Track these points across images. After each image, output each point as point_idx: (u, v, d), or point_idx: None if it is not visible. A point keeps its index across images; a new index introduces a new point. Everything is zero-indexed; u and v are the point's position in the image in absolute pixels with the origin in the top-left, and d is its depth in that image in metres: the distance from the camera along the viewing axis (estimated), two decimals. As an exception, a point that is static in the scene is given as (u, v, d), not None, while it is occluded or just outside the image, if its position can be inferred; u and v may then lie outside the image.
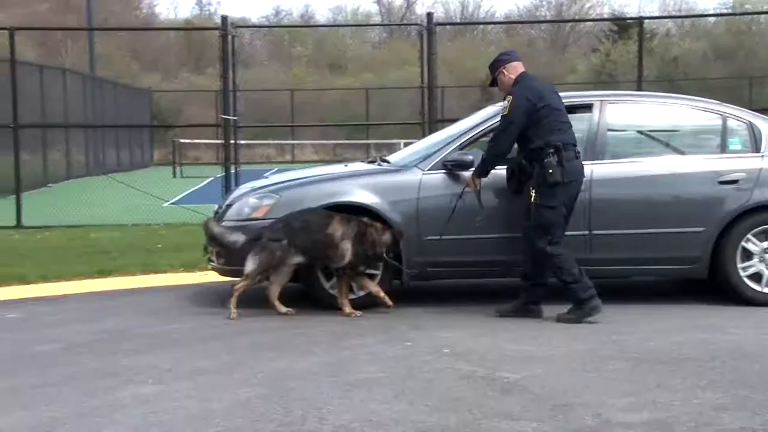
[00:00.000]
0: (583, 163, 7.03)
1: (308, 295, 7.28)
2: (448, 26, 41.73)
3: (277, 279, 6.97)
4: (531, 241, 6.70)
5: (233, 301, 6.93)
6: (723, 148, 7.32)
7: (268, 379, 5.25)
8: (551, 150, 6.59)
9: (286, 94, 36.72)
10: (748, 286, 7.02)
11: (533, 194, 6.65)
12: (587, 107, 7.41)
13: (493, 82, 7.03)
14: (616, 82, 32.87)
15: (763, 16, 35.83)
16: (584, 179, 6.89)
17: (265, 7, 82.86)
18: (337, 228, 6.88)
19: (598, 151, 7.20)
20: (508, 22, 46.83)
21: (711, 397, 4.76)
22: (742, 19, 33.89)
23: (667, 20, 37.64)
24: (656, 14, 43.94)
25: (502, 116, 6.77)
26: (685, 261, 7.11)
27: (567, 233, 7.00)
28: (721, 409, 4.58)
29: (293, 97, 36.16)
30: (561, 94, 7.03)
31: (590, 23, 41.13)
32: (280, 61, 44.93)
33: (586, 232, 7.07)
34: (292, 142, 35.61)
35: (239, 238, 6.93)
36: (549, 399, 4.79)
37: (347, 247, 6.87)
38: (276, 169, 11.71)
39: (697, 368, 5.32)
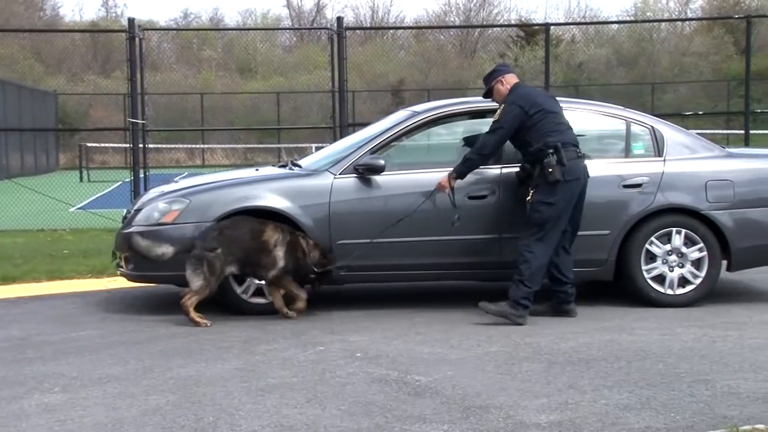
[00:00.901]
0: (491, 168, 7.14)
1: (219, 300, 7.18)
2: (358, 30, 41.83)
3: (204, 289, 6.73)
4: (524, 236, 6.76)
5: (194, 316, 6.68)
6: (627, 152, 7.48)
7: (179, 386, 5.15)
8: (550, 150, 6.74)
9: (195, 98, 36.26)
10: (652, 287, 7.19)
11: (531, 192, 6.77)
12: (495, 112, 7.47)
13: (488, 93, 7.11)
14: (524, 87, 33.36)
15: (663, 23, 36.88)
16: (495, 184, 7.01)
17: (174, 9, 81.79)
18: (271, 235, 6.80)
19: (505, 155, 7.27)
20: (418, 27, 47.15)
21: (617, 397, 4.86)
22: (644, 26, 34.79)
23: (572, 27, 38.42)
24: (562, 21, 44.84)
25: (493, 121, 6.90)
26: (592, 263, 7.24)
27: (478, 237, 7.10)
28: (626, 408, 4.67)
29: (203, 101, 35.73)
30: (469, 99, 7.11)
31: (498, 29, 41.70)
32: (189, 64, 44.35)
33: (497, 235, 7.14)
34: (202, 146, 35.18)
35: (167, 250, 6.75)
36: (461, 401, 4.82)
37: (280, 255, 6.81)
38: (186, 173, 11.56)
39: (604, 369, 5.43)
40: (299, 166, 7.75)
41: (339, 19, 13.25)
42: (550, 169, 6.70)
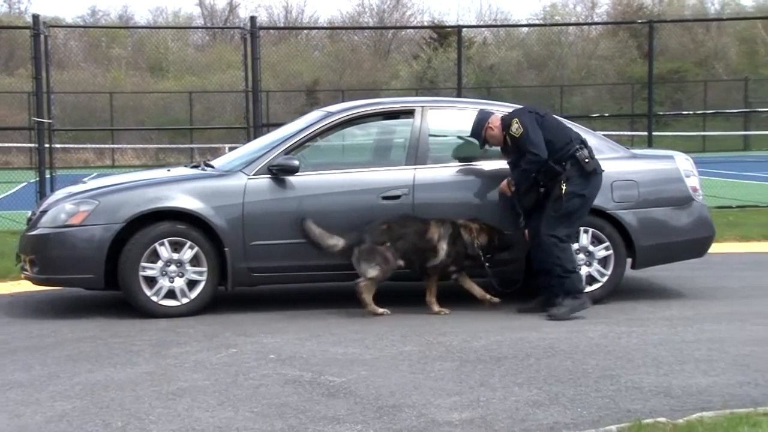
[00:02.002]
0: (405, 168, 7.20)
1: (127, 303, 7.06)
2: (272, 30, 41.57)
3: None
4: (549, 225, 6.80)
5: (374, 308, 6.89)
6: (537, 153, 7.59)
7: (86, 391, 5.05)
8: (577, 144, 6.89)
9: (104, 97, 35.51)
10: (561, 285, 7.33)
11: (563, 185, 6.82)
12: (409, 113, 7.55)
13: (484, 143, 7.15)
14: (438, 88, 33.67)
15: (571, 27, 37.64)
16: (409, 184, 7.07)
17: (81, 6, 79.94)
18: (434, 232, 6.97)
19: (420, 156, 7.33)
20: (332, 28, 47.11)
21: (527, 394, 4.94)
22: (552, 30, 35.43)
23: (484, 29, 38.85)
24: (474, 23, 45.32)
25: (520, 135, 6.87)
26: (500, 262, 7.32)
27: (391, 236, 7.12)
28: (535, 405, 4.75)
29: (112, 100, 35.02)
30: (383, 99, 7.15)
31: (412, 30, 41.97)
32: (98, 62, 43.42)
33: (409, 236, 7.18)
34: (112, 146, 34.48)
35: (338, 242, 6.90)
36: (375, 401, 4.84)
37: (444, 249, 6.99)
38: (95, 174, 11.31)
39: (514, 366, 5.51)
40: (212, 167, 7.67)
41: (252, 19, 13.15)
42: (587, 160, 6.85)
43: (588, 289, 7.28)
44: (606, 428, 4.29)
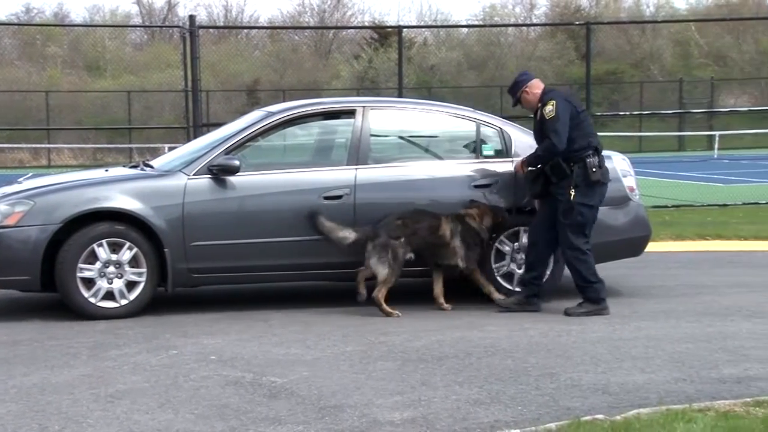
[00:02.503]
0: (347, 168, 7.20)
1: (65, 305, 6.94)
2: (211, 29, 41.22)
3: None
4: (567, 239, 6.90)
5: (386, 308, 6.91)
6: (477, 153, 7.66)
7: (22, 395, 4.95)
8: (591, 151, 6.91)
9: (40, 96, 34.85)
10: (502, 284, 7.37)
11: (572, 193, 6.86)
12: (350, 113, 7.55)
13: (516, 103, 7.20)
14: (379, 88, 33.72)
15: (510, 28, 38.03)
16: (351, 184, 7.07)
17: (15, 4, 78.44)
18: (446, 228, 7.03)
19: (361, 156, 7.34)
20: (273, 27, 46.92)
21: (468, 393, 4.97)
22: (492, 31, 35.77)
23: (424, 30, 39.05)
24: (414, 24, 45.47)
25: (549, 119, 6.89)
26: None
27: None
28: (476, 403, 4.78)
29: (48, 99, 34.40)
30: (324, 99, 7.14)
31: (353, 30, 41.97)
32: (33, 61, 42.61)
33: (351, 236, 7.17)
34: (48, 145, 33.86)
35: (350, 235, 6.94)
36: (317, 401, 4.82)
37: (458, 245, 7.05)
38: (30, 174, 11.11)
39: (456, 365, 5.54)
40: (151, 167, 7.58)
41: (191, 18, 13.02)
42: (594, 169, 6.88)
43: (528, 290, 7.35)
44: (546, 426, 4.33)
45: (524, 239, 7.36)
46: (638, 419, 4.34)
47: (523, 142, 7.61)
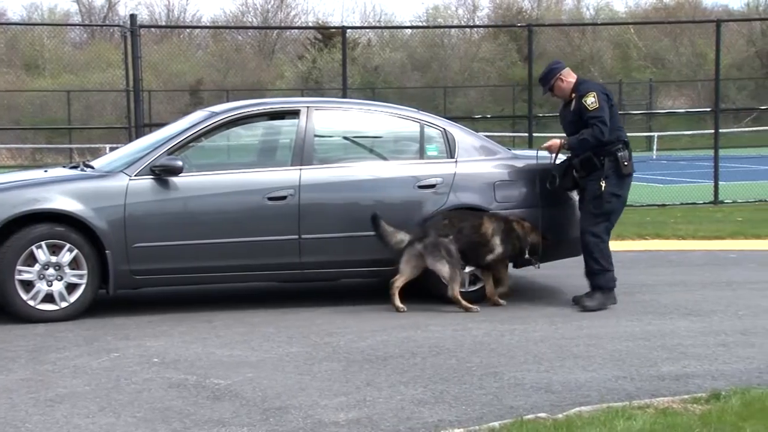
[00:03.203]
0: (291, 169, 7.18)
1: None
2: (153, 29, 40.75)
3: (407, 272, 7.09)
4: (590, 225, 7.11)
5: (465, 304, 7.04)
6: (421, 154, 7.69)
7: (-40, 401, 4.84)
8: (620, 145, 7.12)
9: (-24, 95, 34.14)
10: (446, 285, 7.40)
11: (603, 184, 7.05)
12: (295, 113, 7.52)
13: (549, 90, 7.33)
14: (323, 89, 33.66)
15: (453, 30, 38.25)
16: (295, 185, 7.05)
17: (-49, 0, 76.70)
18: (488, 227, 7.16)
19: (306, 157, 7.31)
20: (216, 27, 46.56)
21: (413, 393, 4.99)
22: (435, 32, 35.94)
23: (368, 30, 39.04)
24: (358, 24, 45.47)
25: (593, 110, 7.06)
26: (389, 262, 7.36)
27: (278, 238, 7.09)
28: (421, 403, 4.80)
29: (-16, 99, 33.70)
30: (268, 100, 7.11)
31: (297, 31, 41.82)
32: (-31, 59, 41.73)
33: (296, 237, 7.16)
34: (-15, 145, 33.17)
35: (405, 237, 7.07)
36: (261, 403, 4.80)
37: (498, 243, 7.18)
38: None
39: (400, 365, 5.55)
40: (92, 168, 7.48)
41: (132, 17, 12.87)
42: (626, 163, 7.09)
43: (472, 288, 7.40)
44: (489, 425, 4.37)
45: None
46: (580, 417, 4.40)
47: (467, 142, 7.66)
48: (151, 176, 7.02)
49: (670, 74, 33.58)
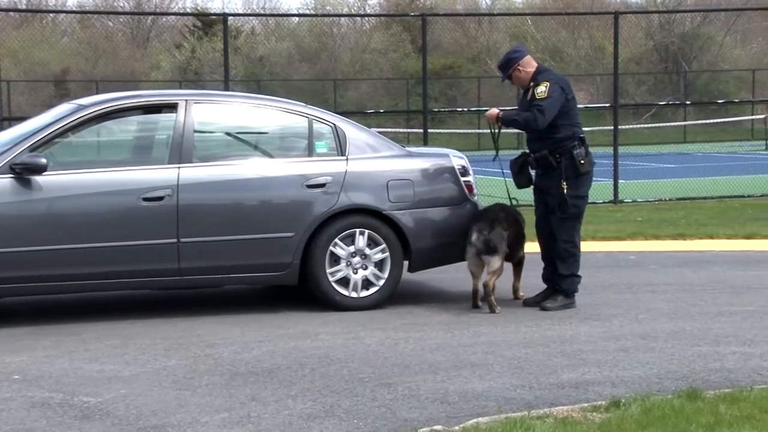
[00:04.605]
0: (168, 167, 7.09)
1: None
2: (12, 12, 39.57)
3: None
4: (563, 231, 7.31)
5: (494, 301, 7.27)
6: (310, 151, 7.67)
7: None
8: (576, 142, 7.23)
9: None
10: (337, 291, 7.42)
11: (565, 186, 7.20)
12: (172, 107, 7.41)
13: (507, 78, 7.44)
14: (203, 81, 33.30)
15: (343, 18, 38.35)
16: (173, 185, 6.97)
17: None
18: (521, 221, 7.54)
19: (184, 154, 7.22)
20: (83, 12, 45.56)
21: (301, 407, 4.98)
22: (324, 20, 35.96)
23: (252, 18, 38.88)
24: (240, 11, 45.18)
25: (539, 99, 7.17)
26: (276, 267, 7.35)
27: (154, 242, 7.00)
28: (310, 418, 4.80)
29: None
30: (143, 92, 7.00)
31: (173, 17, 41.24)
32: None
33: (174, 240, 7.05)
34: None
35: (474, 235, 7.37)
36: (135, 422, 4.72)
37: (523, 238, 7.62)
38: None
39: (288, 377, 5.54)
40: (-57, 165, 7.21)
41: (-11, -1, 12.49)
42: (582, 161, 7.22)
43: (364, 293, 7.43)
44: (383, 439, 4.39)
45: (360, 242, 7.42)
46: (477, 429, 4.46)
47: (359, 139, 7.69)
48: (11, 175, 6.83)
49: (568, 68, 34.36)
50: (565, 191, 7.27)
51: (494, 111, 7.60)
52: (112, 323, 6.97)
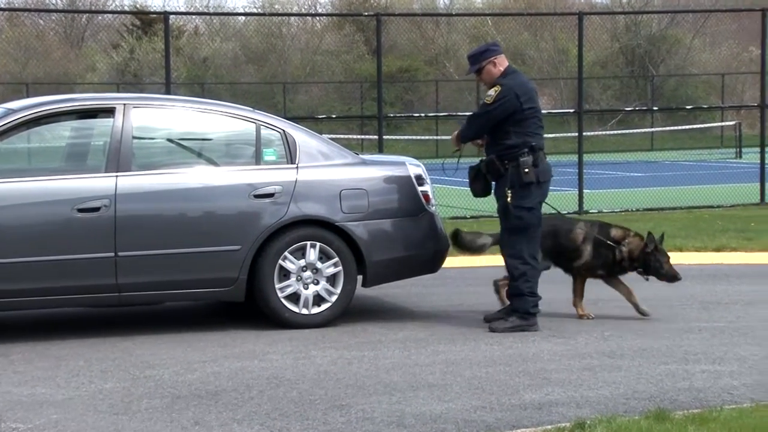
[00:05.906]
0: (105, 175, 7.05)
1: None
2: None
3: None
4: (507, 243, 7.33)
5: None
6: (258, 159, 7.66)
7: None
8: (526, 150, 7.19)
9: None
10: (287, 307, 7.40)
11: (509, 195, 7.21)
12: (109, 111, 7.37)
13: (477, 71, 7.39)
14: (143, 83, 33.08)
15: (293, 18, 38.32)
16: (110, 194, 6.93)
17: None
18: (579, 232, 7.67)
19: (122, 162, 7.17)
20: (12, 9, 45.12)
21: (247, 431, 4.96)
22: (272, 20, 35.87)
23: (195, 17, 38.66)
24: (183, 10, 44.98)
25: (483, 102, 7.30)
26: (221, 282, 7.32)
27: (89, 256, 6.95)
28: (260, 442, 4.79)
29: None
30: (77, 95, 6.96)
31: (110, 15, 40.93)
32: None
33: (111, 254, 7.00)
34: None
35: (487, 240, 7.84)
36: (70, 450, 4.67)
37: (587, 249, 7.66)
38: None
39: (234, 400, 5.52)
40: None
41: None
42: (526, 170, 7.18)
43: (316, 310, 7.42)
44: (336, 465, 4.39)
45: (312, 255, 7.41)
46: (436, 453, 4.47)
47: (310, 146, 7.69)
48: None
49: (531, 71, 34.63)
50: (509, 198, 7.28)
51: (454, 134, 7.62)
52: (43, 343, 6.91)
